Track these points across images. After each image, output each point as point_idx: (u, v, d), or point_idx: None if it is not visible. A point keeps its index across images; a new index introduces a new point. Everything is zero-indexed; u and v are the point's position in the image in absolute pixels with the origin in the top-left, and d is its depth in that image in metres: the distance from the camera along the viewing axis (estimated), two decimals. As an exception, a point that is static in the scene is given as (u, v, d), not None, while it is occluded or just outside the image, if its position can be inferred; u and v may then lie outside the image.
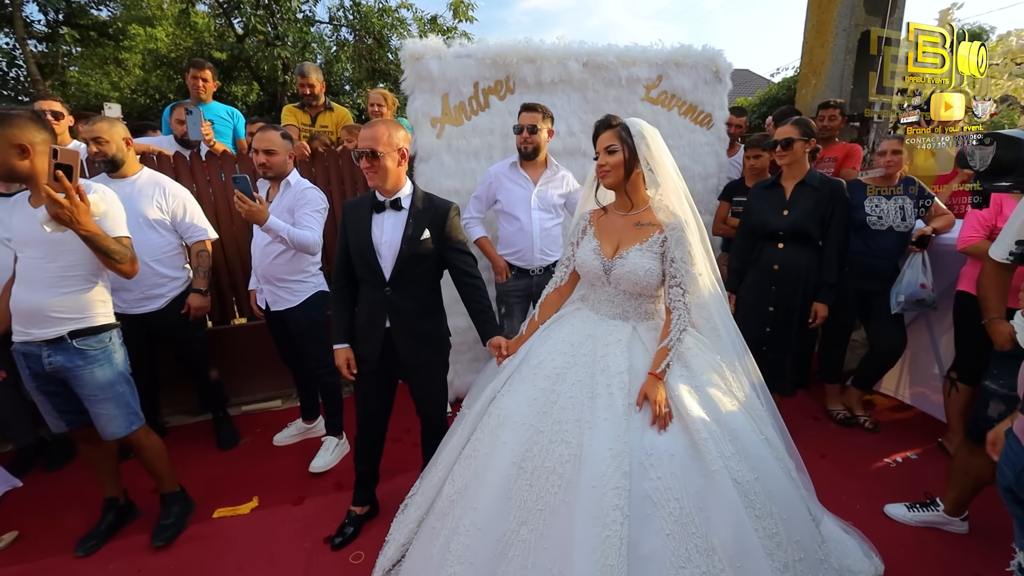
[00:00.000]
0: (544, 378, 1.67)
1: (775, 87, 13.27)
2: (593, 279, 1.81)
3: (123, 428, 2.04)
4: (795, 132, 2.60)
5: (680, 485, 1.42)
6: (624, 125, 1.70)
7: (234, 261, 3.35)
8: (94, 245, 1.81)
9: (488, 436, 1.65)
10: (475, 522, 1.52)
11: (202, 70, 3.56)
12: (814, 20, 3.79)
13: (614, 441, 1.46)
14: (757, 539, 1.40)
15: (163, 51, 11.92)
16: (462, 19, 10.74)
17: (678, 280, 1.66)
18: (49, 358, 1.91)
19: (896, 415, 3.14)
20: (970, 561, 1.97)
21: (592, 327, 1.77)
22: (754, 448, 1.54)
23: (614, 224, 1.79)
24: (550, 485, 1.48)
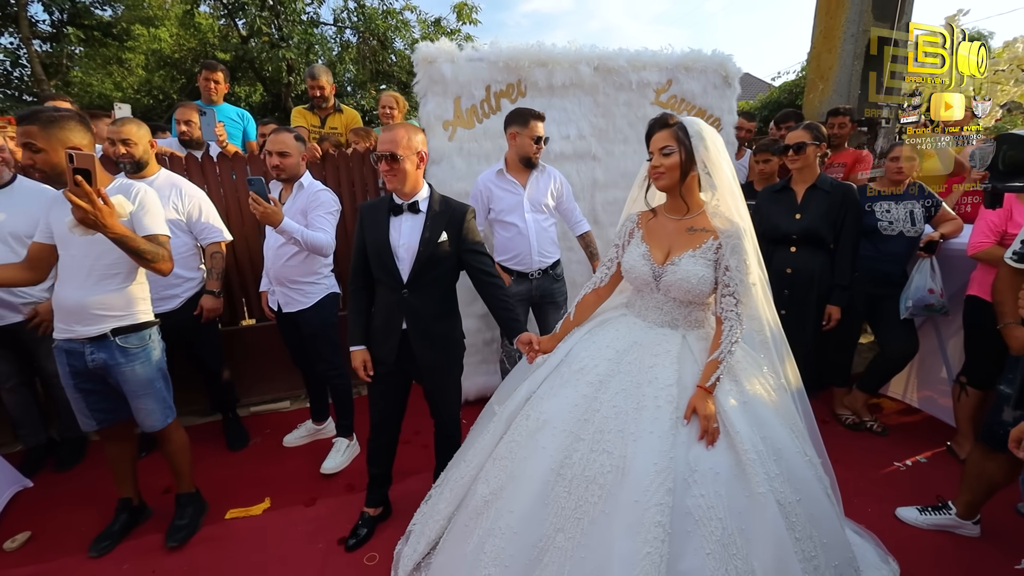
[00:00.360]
0: (587, 384, 1.62)
1: (776, 91, 13.33)
2: (641, 285, 1.75)
3: (160, 421, 2.09)
4: (807, 136, 2.62)
5: (724, 505, 1.38)
6: (682, 124, 1.62)
7: (244, 262, 3.35)
8: (124, 246, 1.81)
9: (525, 439, 1.62)
10: (511, 525, 1.50)
11: (214, 72, 3.57)
12: (822, 26, 3.81)
13: (660, 456, 1.43)
14: (799, 565, 1.37)
15: (167, 52, 11.94)
16: (466, 21, 10.78)
17: (732, 289, 1.59)
18: (92, 355, 1.94)
19: (904, 419, 3.15)
20: (984, 565, 1.98)
21: (639, 334, 1.71)
22: (798, 469, 1.50)
23: (664, 228, 1.72)
24: (589, 495, 1.45)
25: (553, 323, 2.89)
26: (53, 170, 1.81)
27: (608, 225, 3.38)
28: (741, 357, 1.67)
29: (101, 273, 1.91)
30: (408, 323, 1.96)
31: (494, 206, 2.71)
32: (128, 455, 2.25)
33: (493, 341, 3.27)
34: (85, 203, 1.65)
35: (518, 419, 1.70)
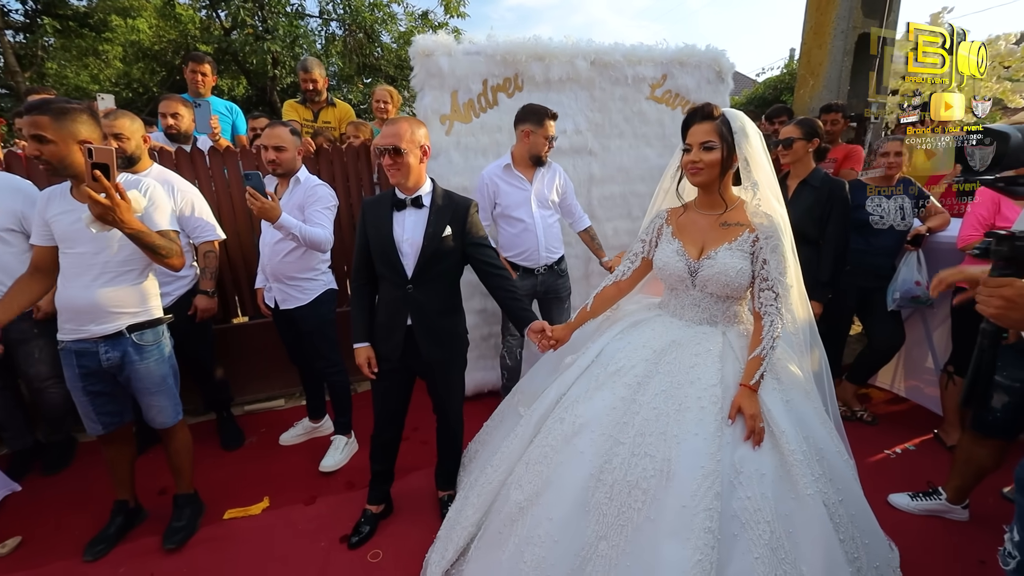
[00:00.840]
0: (624, 386, 1.57)
1: (761, 86, 13.48)
2: (675, 283, 1.70)
3: (171, 418, 2.09)
4: (797, 132, 2.65)
5: (770, 507, 1.34)
6: (724, 118, 1.56)
7: (236, 259, 3.30)
8: (140, 242, 1.79)
9: (561, 443, 1.56)
10: (551, 533, 1.44)
11: (201, 64, 3.48)
12: (812, 22, 3.86)
13: (707, 459, 1.38)
14: (849, 569, 1.35)
15: (145, 43, 11.61)
16: (453, 15, 10.67)
17: (770, 283, 1.55)
18: (107, 354, 1.91)
19: (892, 408, 3.23)
20: (974, 548, 2.04)
21: (677, 332, 1.66)
22: (838, 468, 1.49)
23: (696, 223, 1.68)
24: (632, 500, 1.40)
25: (557, 317, 2.90)
26: (60, 163, 1.76)
27: (604, 220, 3.39)
28: (782, 355, 1.64)
29: (115, 270, 1.88)
30: (413, 319, 1.95)
31: (500, 201, 2.70)
32: (127, 457, 2.21)
33: (491, 336, 3.27)
34: (104, 199, 1.62)
35: (549, 422, 1.65)
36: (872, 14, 3.64)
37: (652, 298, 1.95)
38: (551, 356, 2.01)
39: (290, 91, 11.50)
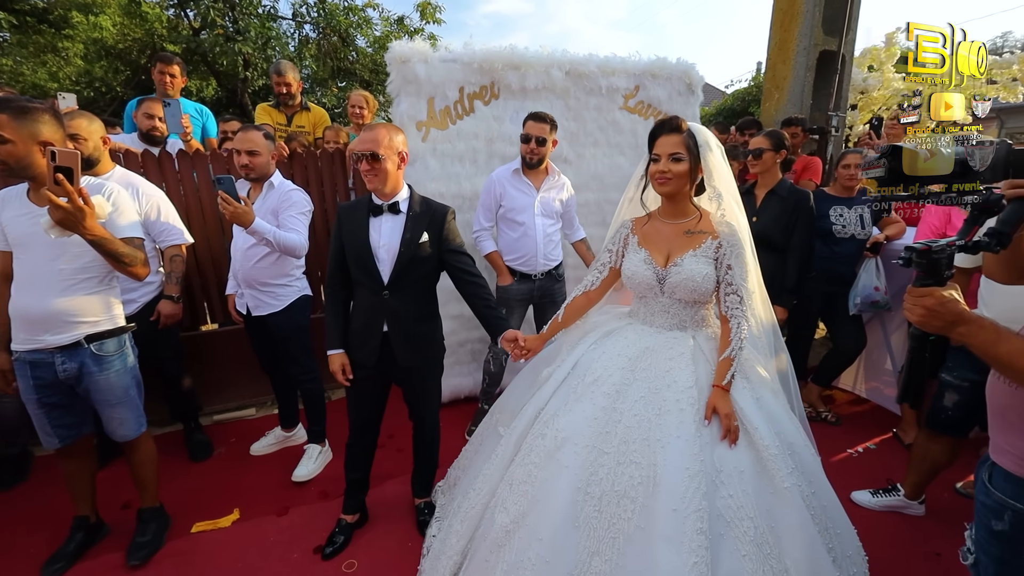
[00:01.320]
0: (603, 396, 1.57)
1: (730, 98, 13.91)
2: (645, 291, 1.73)
3: (134, 430, 2.02)
4: (766, 143, 2.76)
5: (752, 504, 1.36)
6: (691, 131, 1.61)
7: (206, 264, 3.21)
8: (102, 249, 1.73)
9: (544, 460, 1.53)
10: (541, 555, 1.39)
11: (170, 65, 3.38)
12: (777, 38, 4.03)
13: (691, 460, 1.39)
14: (829, 557, 1.38)
15: (109, 41, 11.21)
16: (429, 21, 10.67)
17: (735, 287, 1.61)
18: (64, 365, 1.84)
19: (854, 408, 3.36)
20: (930, 541, 2.14)
21: (649, 339, 1.69)
22: (809, 462, 1.53)
23: (661, 232, 1.72)
24: (622, 510, 1.38)
25: None
26: (19, 164, 1.69)
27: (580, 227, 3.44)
28: (749, 355, 1.69)
29: (72, 277, 1.80)
30: (389, 325, 1.94)
31: (506, 203, 2.74)
32: (88, 471, 2.12)
33: (467, 342, 3.27)
34: (66, 204, 1.55)
35: (530, 438, 1.62)
36: (832, 32, 3.83)
37: (621, 308, 1.98)
38: (527, 372, 2.01)
39: (262, 93, 11.27)
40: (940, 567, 2.02)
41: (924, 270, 1.04)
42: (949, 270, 1.04)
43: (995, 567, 1.13)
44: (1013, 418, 1.09)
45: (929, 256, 1.03)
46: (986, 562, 1.16)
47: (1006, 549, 1.10)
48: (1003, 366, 0.98)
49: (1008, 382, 1.09)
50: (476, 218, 2.81)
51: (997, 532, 1.10)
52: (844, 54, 3.91)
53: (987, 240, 1.05)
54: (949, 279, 1.04)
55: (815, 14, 3.77)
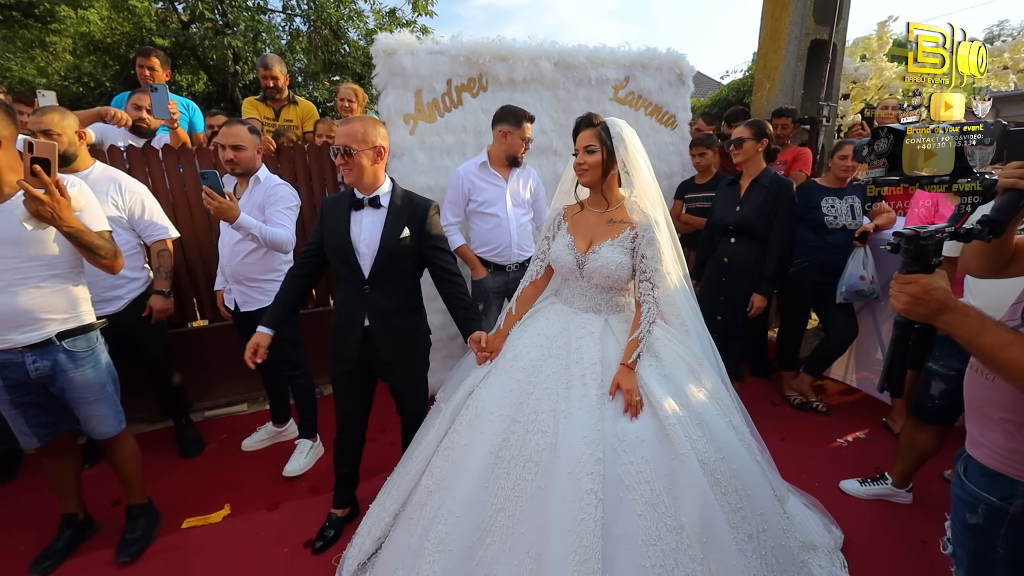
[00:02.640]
0: (520, 370, 1.72)
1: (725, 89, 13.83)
2: (567, 273, 1.85)
3: (114, 427, 2.00)
4: (747, 132, 2.76)
5: (651, 468, 1.50)
6: (605, 125, 1.73)
7: (194, 260, 3.19)
8: (78, 241, 1.72)
9: (466, 428, 1.69)
10: (453, 510, 1.55)
11: (148, 58, 3.27)
12: (768, 28, 4.00)
13: (588, 429, 1.53)
14: (722, 515, 1.49)
15: (97, 36, 11.08)
16: (421, 13, 10.57)
17: (647, 275, 1.73)
18: (35, 363, 1.80)
19: (845, 398, 3.38)
20: (916, 529, 2.16)
21: (566, 320, 1.82)
22: (719, 431, 1.64)
23: (588, 220, 1.83)
24: (527, 473, 1.54)
25: None
26: None
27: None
28: (661, 335, 1.82)
29: (38, 273, 1.77)
30: (370, 319, 1.94)
31: (476, 197, 2.72)
32: (72, 469, 2.10)
33: (458, 336, 3.26)
34: (43, 195, 1.54)
35: (462, 412, 1.76)
36: (823, 21, 3.80)
37: None
38: None
39: (252, 87, 11.17)
40: (926, 554, 2.04)
41: (911, 256, 1.03)
42: (937, 257, 1.02)
43: (970, 559, 1.14)
44: (989, 411, 1.09)
45: (916, 242, 1.02)
46: (961, 554, 1.16)
47: (980, 542, 1.10)
48: (985, 356, 0.97)
49: (986, 374, 1.09)
50: (443, 214, 2.77)
51: (972, 525, 1.11)
52: (836, 43, 3.88)
53: (979, 228, 1.02)
54: (937, 266, 1.02)
55: (806, 3, 3.74)
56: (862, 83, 4.90)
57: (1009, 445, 1.04)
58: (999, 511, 1.06)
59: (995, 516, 1.07)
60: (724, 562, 1.44)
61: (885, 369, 1.14)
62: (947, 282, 1.01)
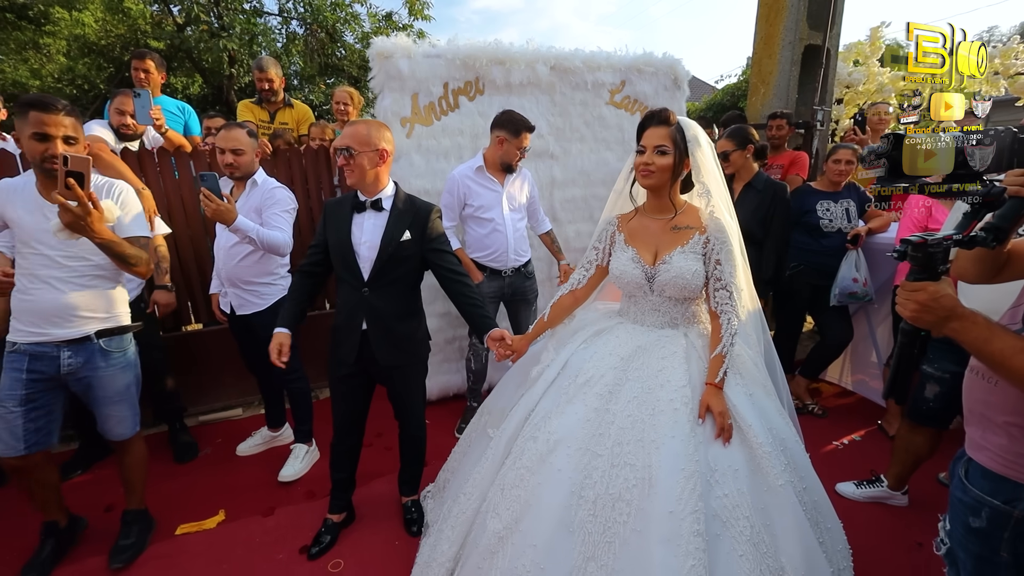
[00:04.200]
0: (596, 396, 1.54)
1: (720, 93, 13.94)
2: (634, 289, 1.70)
3: (131, 429, 2.03)
4: (730, 145, 2.77)
5: (747, 502, 1.34)
6: (679, 125, 1.58)
7: (189, 263, 3.17)
8: (110, 252, 1.77)
9: (537, 463, 1.50)
10: (536, 561, 1.36)
11: (143, 60, 3.26)
12: (762, 33, 4.03)
13: (686, 461, 1.36)
14: (823, 554, 1.37)
15: (92, 38, 11.02)
16: (418, 17, 10.58)
17: (724, 283, 1.59)
18: (70, 359, 1.85)
19: (840, 401, 3.39)
20: (912, 532, 2.17)
21: (641, 338, 1.66)
22: (800, 458, 1.52)
23: (648, 229, 1.69)
24: (617, 514, 1.35)
25: (524, 319, 2.92)
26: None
27: (567, 223, 3.44)
28: (740, 351, 1.67)
29: (86, 273, 1.85)
30: (369, 323, 1.93)
31: (472, 202, 2.70)
32: (51, 481, 2.04)
33: (455, 340, 3.26)
34: (76, 208, 1.59)
35: (520, 441, 1.59)
36: (817, 27, 3.84)
37: (610, 304, 1.96)
38: (515, 371, 1.98)
39: (248, 90, 11.14)
40: (922, 557, 2.04)
41: (919, 264, 1.02)
42: (944, 264, 1.02)
43: (973, 563, 1.13)
44: (992, 414, 1.08)
45: (924, 250, 1.01)
46: (964, 558, 1.15)
47: (984, 545, 1.10)
48: (995, 363, 0.96)
49: (988, 378, 1.08)
50: None
51: (975, 529, 1.10)
52: (829, 48, 3.93)
53: (983, 235, 1.02)
54: (944, 274, 1.02)
55: (800, 8, 3.78)
56: (855, 88, 4.94)
57: (1013, 448, 1.04)
58: (1003, 514, 1.05)
59: (999, 519, 1.06)
60: None
61: (891, 376, 1.13)
62: (954, 289, 1.00)
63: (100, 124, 2.94)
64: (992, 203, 1.06)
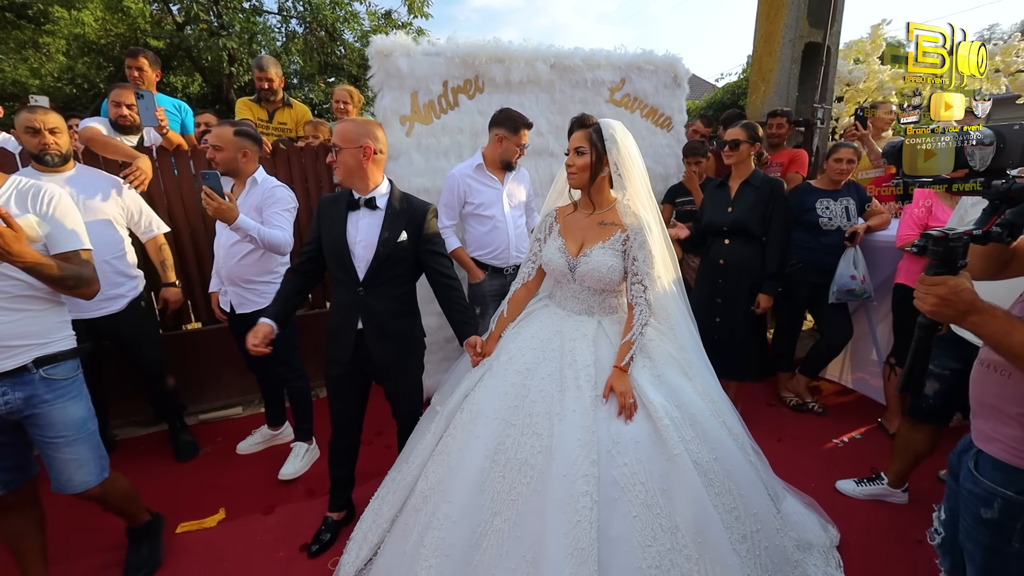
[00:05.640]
0: (515, 373, 1.71)
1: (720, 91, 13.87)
2: (559, 276, 1.85)
3: (96, 475, 1.71)
4: (742, 134, 2.76)
5: (645, 470, 1.50)
6: (598, 127, 1.70)
7: (190, 262, 3.17)
8: (40, 275, 1.51)
9: (461, 432, 1.69)
10: (449, 515, 1.55)
11: (136, 59, 3.22)
12: (762, 31, 4.02)
13: (583, 431, 1.53)
14: (717, 515, 1.49)
15: (91, 37, 11.01)
16: (417, 15, 10.56)
17: (639, 278, 1.72)
18: (5, 396, 1.55)
19: (840, 399, 3.39)
20: (912, 529, 2.17)
21: (559, 323, 1.81)
22: (713, 431, 1.65)
23: (579, 223, 1.82)
24: (522, 476, 1.53)
25: None
26: None
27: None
28: (654, 336, 1.81)
29: (17, 295, 1.55)
30: (364, 322, 1.93)
31: (472, 199, 2.71)
32: (34, 522, 1.78)
33: (454, 339, 3.24)
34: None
35: (456, 415, 1.75)
36: (817, 24, 3.83)
37: None
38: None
39: (248, 89, 11.13)
40: (922, 554, 2.04)
41: (939, 258, 1.02)
42: (963, 259, 1.02)
43: (983, 555, 1.13)
44: (1005, 406, 1.09)
45: (946, 244, 1.01)
46: (973, 549, 1.16)
47: (995, 537, 1.10)
48: (1015, 356, 0.97)
49: (1000, 371, 1.09)
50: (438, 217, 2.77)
51: (986, 520, 1.10)
52: (829, 46, 3.91)
53: (999, 231, 1.03)
54: (963, 268, 1.02)
55: (800, 6, 3.77)
56: (855, 86, 4.93)
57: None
58: (1016, 505, 1.06)
59: (1012, 510, 1.07)
60: (719, 562, 1.44)
61: (906, 370, 1.13)
62: (972, 283, 1.01)
63: (96, 120, 2.95)
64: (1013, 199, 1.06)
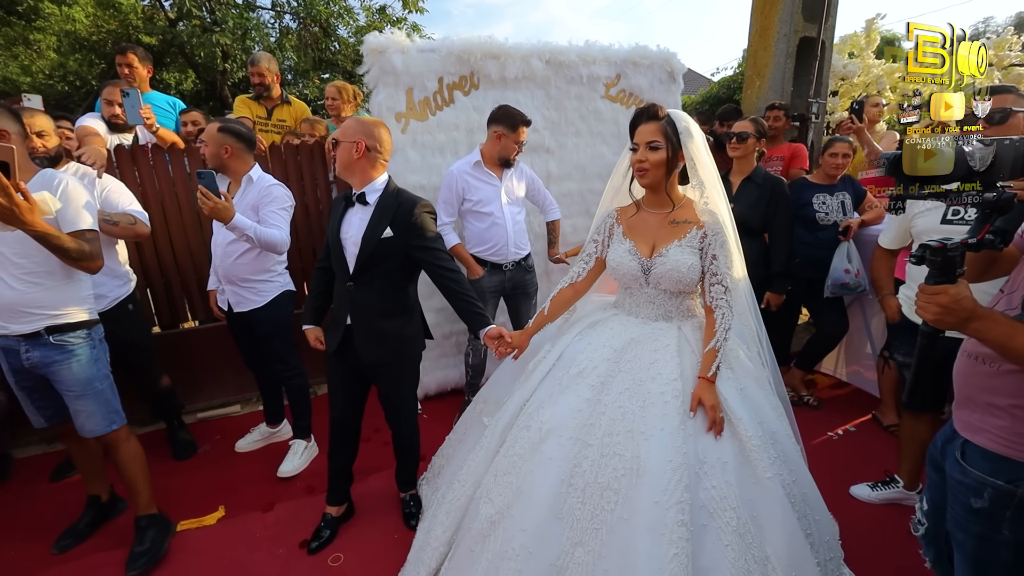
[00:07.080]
0: (588, 387, 1.57)
1: (716, 86, 13.84)
2: (630, 281, 1.72)
3: (102, 426, 1.98)
4: (750, 127, 2.77)
5: (735, 494, 1.37)
6: (670, 118, 1.58)
7: (185, 261, 3.17)
8: (47, 244, 1.72)
9: (529, 451, 1.53)
10: (525, 545, 1.40)
11: (125, 55, 3.20)
12: (757, 25, 4.02)
13: (674, 453, 1.39)
14: (807, 544, 1.40)
15: (83, 33, 10.90)
16: (412, 10, 10.50)
17: (720, 278, 1.60)
18: (27, 353, 1.87)
19: (835, 392, 3.42)
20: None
21: (635, 330, 1.68)
22: (791, 451, 1.55)
23: (646, 223, 1.70)
24: (605, 502, 1.39)
25: (525, 313, 2.94)
26: None
27: (563, 217, 3.42)
28: (734, 346, 1.68)
29: (36, 270, 1.82)
30: (352, 318, 1.93)
31: (470, 196, 2.71)
32: (89, 452, 2.17)
33: (452, 335, 3.26)
34: (2, 198, 1.56)
35: (515, 430, 1.62)
36: (812, 19, 3.83)
37: (606, 297, 1.97)
38: (511, 362, 1.96)
39: (241, 86, 11.07)
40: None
41: (937, 268, 1.04)
42: (961, 268, 1.04)
43: (973, 543, 1.15)
44: (995, 398, 1.10)
45: (944, 254, 1.02)
46: (963, 539, 1.17)
47: (985, 525, 1.12)
48: (1020, 358, 0.99)
49: (989, 363, 1.11)
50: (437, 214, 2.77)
51: (976, 509, 1.12)
52: (824, 40, 3.92)
53: (991, 238, 1.06)
54: (960, 276, 1.04)
55: (795, 1, 3.77)
56: (850, 80, 4.94)
57: (1017, 428, 1.07)
58: (1006, 494, 1.08)
59: (1002, 499, 1.08)
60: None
61: (911, 382, 1.15)
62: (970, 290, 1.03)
63: (92, 116, 2.92)
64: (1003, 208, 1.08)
